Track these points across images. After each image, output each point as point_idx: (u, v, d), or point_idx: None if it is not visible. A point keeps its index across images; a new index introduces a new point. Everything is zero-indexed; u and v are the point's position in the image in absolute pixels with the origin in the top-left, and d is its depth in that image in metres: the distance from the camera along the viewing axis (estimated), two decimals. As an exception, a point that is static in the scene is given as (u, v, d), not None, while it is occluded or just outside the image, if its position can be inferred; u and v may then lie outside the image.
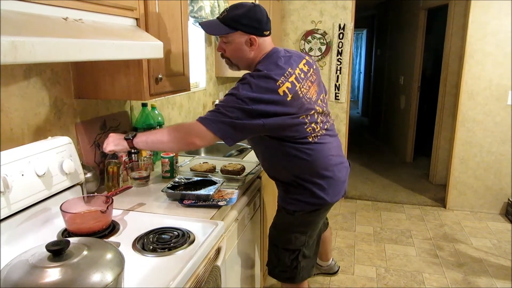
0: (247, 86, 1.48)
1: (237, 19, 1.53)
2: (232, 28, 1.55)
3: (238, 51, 1.60)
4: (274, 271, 1.93)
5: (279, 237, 1.87)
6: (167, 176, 1.89)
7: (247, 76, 1.52)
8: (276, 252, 1.87)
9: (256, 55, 1.62)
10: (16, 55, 0.84)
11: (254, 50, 1.60)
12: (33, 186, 1.27)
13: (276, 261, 1.89)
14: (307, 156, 1.64)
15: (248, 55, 1.61)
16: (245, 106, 1.45)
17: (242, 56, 1.61)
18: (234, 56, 1.63)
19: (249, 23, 1.54)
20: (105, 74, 1.62)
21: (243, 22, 1.54)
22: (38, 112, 1.50)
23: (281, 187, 1.81)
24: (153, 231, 1.30)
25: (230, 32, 1.56)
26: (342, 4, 3.90)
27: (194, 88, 2.89)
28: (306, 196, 1.72)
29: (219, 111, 1.47)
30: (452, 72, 4.35)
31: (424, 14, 5.00)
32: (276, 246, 1.87)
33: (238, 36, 1.57)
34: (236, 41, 1.58)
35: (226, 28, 1.55)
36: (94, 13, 1.25)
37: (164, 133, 1.52)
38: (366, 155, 5.91)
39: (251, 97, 1.46)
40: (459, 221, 3.74)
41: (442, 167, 4.58)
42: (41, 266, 0.82)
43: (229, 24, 1.55)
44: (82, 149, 1.73)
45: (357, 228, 3.56)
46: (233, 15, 1.54)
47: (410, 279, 2.75)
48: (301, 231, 1.81)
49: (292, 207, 1.76)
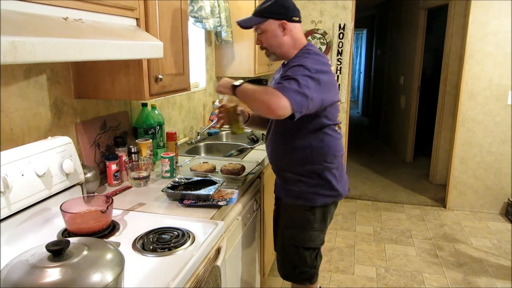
0: (310, 59, 1.63)
1: (266, 9, 1.71)
2: (263, 17, 1.71)
3: (274, 38, 1.73)
4: (294, 273, 1.91)
5: (299, 237, 1.84)
6: (167, 176, 1.89)
7: (306, 52, 1.70)
8: (297, 252, 1.86)
9: (291, 41, 1.74)
10: (16, 55, 0.84)
11: (287, 34, 1.73)
12: (33, 186, 1.27)
13: (297, 262, 1.87)
14: (333, 144, 1.77)
15: (283, 40, 1.73)
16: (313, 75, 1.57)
17: (279, 42, 1.74)
18: (271, 43, 1.75)
19: (277, 10, 1.70)
20: (105, 74, 1.62)
21: (272, 11, 1.70)
22: (38, 112, 1.50)
23: (297, 182, 1.80)
24: (153, 231, 1.29)
25: (262, 21, 1.71)
26: (342, 4, 3.90)
27: (194, 88, 2.89)
28: (324, 189, 1.79)
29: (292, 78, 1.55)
30: (452, 72, 4.35)
31: (424, 14, 5.00)
32: (297, 246, 1.85)
33: (270, 24, 1.71)
34: (269, 29, 1.72)
35: (258, 18, 1.72)
36: (94, 13, 1.25)
37: (258, 91, 1.60)
38: (366, 155, 5.91)
39: (317, 69, 1.60)
40: (459, 221, 3.74)
41: (442, 167, 4.58)
42: (41, 266, 0.82)
43: (260, 15, 1.72)
44: (82, 149, 1.73)
45: (357, 228, 3.56)
46: (263, 7, 1.72)
47: (410, 279, 2.75)
48: (320, 229, 1.84)
49: (311, 203, 1.79)
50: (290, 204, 1.85)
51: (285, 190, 1.86)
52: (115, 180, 1.77)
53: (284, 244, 1.90)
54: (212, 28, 2.69)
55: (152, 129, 2.07)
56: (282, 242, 1.91)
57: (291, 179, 1.82)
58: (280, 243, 1.94)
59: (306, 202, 1.80)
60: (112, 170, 1.75)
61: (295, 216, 1.84)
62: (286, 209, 1.88)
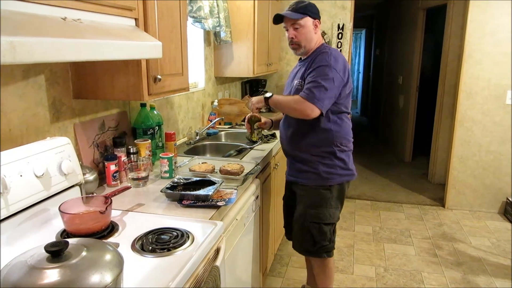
0: (328, 56, 1.91)
1: (306, 8, 1.96)
2: (304, 14, 1.95)
3: (309, 33, 1.98)
4: (315, 248, 2.10)
5: (319, 214, 2.05)
6: (166, 177, 1.89)
7: (327, 49, 1.96)
8: (318, 228, 2.06)
9: (317, 39, 2.02)
10: (15, 55, 0.84)
11: (317, 32, 2.01)
12: (31, 186, 1.27)
13: (319, 237, 2.07)
14: (348, 129, 2.06)
15: (314, 37, 2.00)
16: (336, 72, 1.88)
17: (311, 37, 1.99)
18: (305, 38, 1.98)
19: (314, 10, 1.98)
20: (104, 74, 1.61)
21: (309, 10, 1.97)
22: (37, 112, 1.50)
23: (316, 163, 2.02)
24: (152, 232, 1.29)
25: (304, 17, 1.95)
26: (341, 4, 3.90)
27: (193, 88, 2.89)
28: (340, 169, 2.03)
29: (321, 85, 1.85)
30: (451, 72, 4.35)
31: (423, 14, 5.00)
32: (317, 223, 2.05)
33: (307, 20, 1.97)
34: (307, 24, 1.97)
35: (299, 14, 1.95)
36: (92, 13, 1.25)
37: (289, 101, 1.96)
38: (365, 154, 5.91)
39: (338, 66, 1.90)
40: (458, 220, 3.74)
41: (441, 167, 4.58)
42: (40, 267, 0.82)
43: (300, 11, 1.96)
44: (80, 150, 1.72)
45: (356, 228, 3.56)
46: (301, 5, 1.96)
47: (409, 279, 2.76)
48: (336, 206, 2.08)
49: (329, 182, 2.02)
50: (310, 185, 2.05)
51: (303, 173, 2.06)
52: (114, 180, 1.77)
53: (305, 223, 2.07)
54: (211, 28, 2.69)
55: (151, 129, 2.07)
56: (303, 221, 2.08)
57: (310, 161, 2.03)
58: (300, 222, 2.10)
59: (324, 181, 2.02)
60: (111, 170, 1.75)
61: (315, 195, 2.04)
62: (306, 190, 2.07)
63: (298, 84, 1.99)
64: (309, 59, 1.99)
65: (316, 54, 1.97)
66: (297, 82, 2.01)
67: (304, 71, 1.97)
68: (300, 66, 2.06)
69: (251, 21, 3.10)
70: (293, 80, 2.07)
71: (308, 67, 1.95)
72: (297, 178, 2.10)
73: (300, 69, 2.05)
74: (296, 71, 2.11)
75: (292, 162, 2.14)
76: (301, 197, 2.10)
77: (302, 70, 2.01)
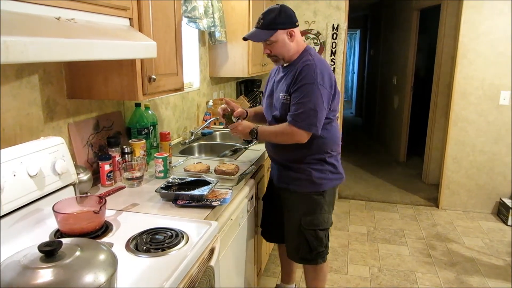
0: (313, 71, 1.79)
1: (273, 21, 1.80)
2: (273, 29, 1.81)
3: (283, 46, 1.85)
4: (311, 255, 2.07)
5: (313, 220, 2.01)
6: (161, 177, 1.88)
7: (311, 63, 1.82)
8: (315, 235, 2.03)
9: (296, 46, 1.88)
10: (8, 55, 0.84)
11: (294, 40, 1.87)
12: (25, 186, 1.26)
13: (315, 243, 2.04)
14: (336, 133, 2.00)
15: (291, 47, 1.87)
16: (323, 88, 1.79)
17: (288, 49, 1.86)
18: (281, 52, 1.86)
19: (284, 20, 1.82)
20: (98, 74, 1.61)
21: (279, 22, 1.81)
22: (31, 112, 1.49)
23: (307, 171, 1.96)
24: (147, 232, 1.29)
25: (273, 32, 1.81)
26: (336, 4, 3.92)
27: (187, 88, 2.89)
28: (331, 173, 2.00)
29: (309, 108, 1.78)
30: (445, 72, 4.38)
31: (416, 14, 5.03)
32: (314, 229, 2.02)
33: (279, 34, 1.82)
34: (279, 39, 1.83)
35: (268, 32, 1.82)
36: (87, 12, 1.25)
37: (278, 134, 1.89)
38: (359, 155, 5.93)
39: (323, 79, 1.80)
40: (451, 220, 3.77)
41: (435, 167, 4.61)
42: (33, 267, 0.82)
43: (269, 28, 1.81)
44: (75, 150, 1.72)
45: (351, 228, 3.57)
46: (269, 19, 1.81)
47: (403, 279, 2.77)
48: (329, 211, 2.06)
49: (321, 188, 1.98)
50: (302, 192, 2.00)
51: (295, 180, 2.00)
52: (108, 180, 1.76)
53: (300, 230, 2.02)
54: (205, 28, 2.69)
55: (146, 129, 2.06)
56: (298, 228, 2.03)
57: (301, 169, 1.97)
58: (295, 231, 2.05)
59: (317, 187, 1.98)
60: (105, 170, 1.74)
61: (309, 202, 2.00)
62: (298, 197, 2.01)
63: (284, 98, 1.89)
64: (293, 68, 1.88)
65: (300, 64, 1.85)
66: (282, 96, 1.90)
67: (289, 83, 1.86)
68: (284, 74, 1.94)
69: (246, 21, 3.10)
70: (277, 91, 1.96)
71: (293, 80, 1.84)
72: (288, 185, 2.03)
73: (284, 79, 1.92)
74: (279, 78, 1.98)
75: (281, 169, 2.07)
76: (293, 204, 2.05)
77: (287, 81, 1.89)
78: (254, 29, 1.85)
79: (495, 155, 3.83)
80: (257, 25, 1.84)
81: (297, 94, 1.80)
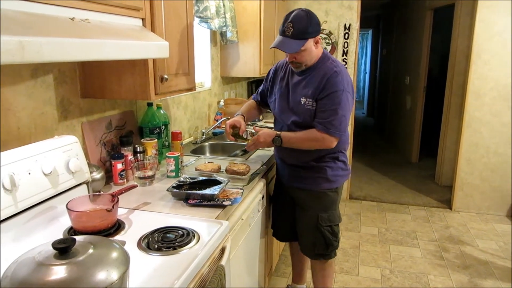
0: (341, 78, 1.83)
1: (305, 31, 1.77)
2: (304, 39, 1.79)
3: (310, 54, 1.85)
4: (327, 251, 2.12)
5: (330, 217, 2.07)
6: (172, 176, 1.90)
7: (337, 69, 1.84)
8: (331, 231, 2.08)
9: (318, 52, 1.90)
10: (24, 54, 0.85)
11: (318, 46, 1.89)
12: (39, 184, 1.28)
13: (331, 239, 2.09)
14: (347, 132, 2.02)
15: (315, 53, 1.88)
16: (349, 95, 1.84)
17: (312, 56, 1.87)
18: (306, 59, 1.86)
19: (314, 29, 1.81)
20: (111, 74, 1.62)
21: (310, 31, 1.79)
22: (45, 111, 1.51)
23: (322, 169, 2.00)
24: (158, 230, 1.30)
25: (303, 44, 1.79)
26: (348, 4, 3.89)
27: (199, 88, 2.90)
28: (341, 170, 2.05)
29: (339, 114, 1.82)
30: (459, 72, 4.32)
31: (430, 14, 4.98)
32: (330, 226, 2.08)
33: (308, 43, 1.80)
34: (307, 47, 1.81)
35: (299, 42, 1.78)
36: (100, 13, 1.26)
37: (307, 140, 1.89)
38: (371, 155, 5.89)
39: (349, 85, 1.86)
40: (465, 222, 3.72)
41: (448, 168, 4.55)
42: (47, 264, 0.83)
43: (300, 38, 1.78)
44: (88, 148, 1.74)
45: (362, 229, 3.55)
46: (301, 29, 1.76)
47: (415, 281, 2.74)
48: (338, 206, 2.12)
49: (335, 185, 2.04)
50: (317, 190, 2.03)
51: (309, 179, 2.03)
52: (120, 179, 1.78)
53: (318, 227, 2.06)
54: (217, 28, 2.69)
55: (158, 128, 2.08)
56: (315, 226, 2.06)
57: (316, 167, 2.00)
58: (311, 228, 2.08)
59: (332, 184, 2.03)
60: (117, 169, 1.76)
61: (324, 199, 2.05)
62: (314, 195, 2.05)
63: (308, 104, 1.87)
64: (313, 72, 1.88)
65: (325, 69, 1.85)
66: (305, 101, 1.87)
67: (315, 89, 1.84)
68: (303, 78, 1.92)
69: (257, 21, 3.10)
70: (296, 94, 1.92)
71: (320, 86, 1.83)
72: (302, 184, 2.05)
73: (305, 83, 1.90)
74: (296, 81, 1.94)
75: (293, 169, 2.07)
76: (308, 202, 2.07)
77: (311, 86, 1.86)
78: (282, 38, 1.79)
79: (510, 157, 3.76)
80: (287, 33, 1.77)
81: (327, 101, 1.81)
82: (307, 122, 1.89)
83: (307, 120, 1.89)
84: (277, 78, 2.07)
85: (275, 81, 2.08)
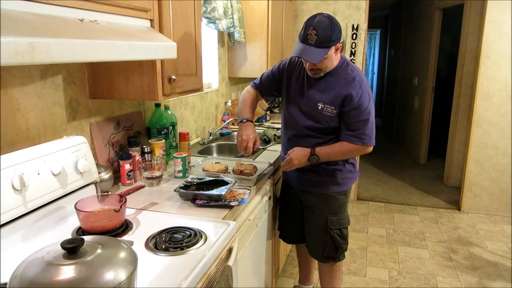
0: (364, 86, 1.81)
1: (329, 39, 1.70)
2: (327, 47, 1.71)
3: (330, 60, 1.80)
4: (337, 253, 2.11)
5: (339, 220, 2.06)
6: (180, 176, 1.90)
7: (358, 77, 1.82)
8: (340, 234, 2.08)
9: (338, 56, 1.85)
10: (34, 55, 0.86)
11: (338, 52, 1.83)
12: (48, 184, 1.29)
13: (341, 242, 2.09)
14: None
15: (335, 59, 1.84)
16: (371, 100, 1.83)
17: (332, 62, 1.83)
18: (326, 65, 1.81)
19: (337, 36, 1.73)
20: (119, 75, 1.63)
21: (334, 39, 1.71)
22: (54, 111, 1.53)
23: (333, 172, 1.99)
24: (166, 231, 1.30)
25: (327, 52, 1.72)
26: (356, 4, 3.88)
27: (206, 88, 2.91)
28: (350, 172, 2.04)
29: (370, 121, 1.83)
30: (468, 73, 4.28)
31: (439, 14, 4.94)
32: (339, 229, 2.07)
33: (331, 50, 1.74)
34: (329, 54, 1.75)
35: (324, 50, 1.70)
36: (109, 14, 1.27)
37: (346, 153, 1.90)
38: (379, 156, 5.85)
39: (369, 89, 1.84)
40: (473, 224, 3.68)
41: (457, 169, 4.51)
42: (56, 264, 0.83)
43: (324, 46, 1.70)
44: (96, 149, 1.75)
45: (370, 230, 3.53)
46: (325, 37, 1.68)
47: (423, 282, 2.72)
48: (346, 209, 2.12)
49: (344, 187, 2.04)
50: (327, 193, 2.02)
51: (319, 182, 2.01)
52: (128, 179, 1.79)
53: (327, 230, 2.05)
54: (225, 29, 2.70)
55: (165, 129, 2.08)
56: (324, 229, 2.05)
57: (326, 171, 1.99)
58: (320, 232, 2.07)
59: (341, 187, 2.03)
60: (125, 169, 1.77)
61: (334, 202, 2.04)
62: (324, 199, 2.03)
63: (327, 111, 1.83)
64: (332, 77, 1.84)
65: (343, 77, 1.82)
66: (325, 107, 1.84)
67: (333, 97, 1.81)
68: (320, 84, 1.87)
69: (265, 21, 3.10)
70: (313, 99, 1.87)
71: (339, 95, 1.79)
72: (311, 188, 2.03)
73: (324, 88, 1.85)
74: (313, 85, 1.89)
75: (302, 173, 2.03)
76: (317, 205, 2.05)
77: (330, 92, 1.83)
78: (305, 46, 1.70)
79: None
80: (310, 41, 1.68)
81: (357, 113, 1.79)
82: (325, 128, 1.87)
83: (325, 126, 1.87)
84: (291, 76, 1.98)
85: (289, 78, 1.99)
